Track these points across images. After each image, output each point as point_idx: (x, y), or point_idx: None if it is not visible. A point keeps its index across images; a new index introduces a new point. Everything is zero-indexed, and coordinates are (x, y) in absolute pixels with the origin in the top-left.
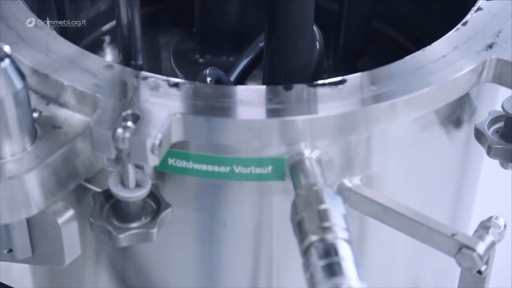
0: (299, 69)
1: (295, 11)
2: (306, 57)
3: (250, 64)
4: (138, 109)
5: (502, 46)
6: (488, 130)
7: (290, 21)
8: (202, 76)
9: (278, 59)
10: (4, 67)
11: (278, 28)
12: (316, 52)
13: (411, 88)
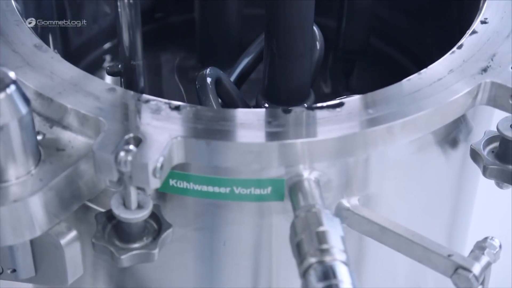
0: (299, 69)
1: (295, 12)
2: (306, 57)
3: (250, 65)
4: (140, 132)
5: (496, 69)
6: (483, 150)
7: (290, 21)
8: (202, 76)
9: (278, 60)
10: (10, 93)
11: (278, 29)
12: (316, 52)
13: (407, 111)
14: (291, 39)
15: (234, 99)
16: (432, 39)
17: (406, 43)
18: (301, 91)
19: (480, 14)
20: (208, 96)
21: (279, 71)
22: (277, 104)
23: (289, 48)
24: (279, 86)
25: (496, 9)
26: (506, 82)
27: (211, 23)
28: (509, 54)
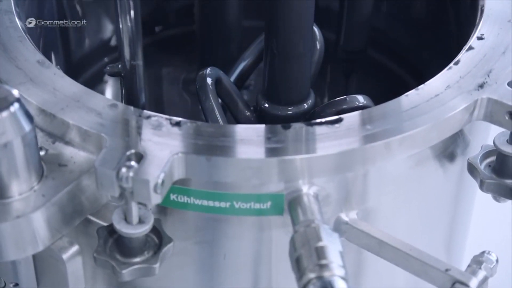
0: (299, 69)
1: (295, 12)
2: (306, 58)
3: (250, 65)
4: (141, 149)
5: (492, 85)
6: (480, 164)
7: (290, 21)
8: (202, 76)
9: (278, 60)
10: (14, 111)
11: (278, 29)
12: (316, 52)
13: (405, 127)
14: (291, 39)
15: (234, 99)
16: (430, 52)
17: (405, 55)
18: (301, 91)
19: (477, 30)
20: (208, 96)
21: (279, 71)
22: (277, 104)
23: (289, 48)
24: (279, 86)
25: (493, 25)
26: (502, 98)
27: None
28: (505, 70)
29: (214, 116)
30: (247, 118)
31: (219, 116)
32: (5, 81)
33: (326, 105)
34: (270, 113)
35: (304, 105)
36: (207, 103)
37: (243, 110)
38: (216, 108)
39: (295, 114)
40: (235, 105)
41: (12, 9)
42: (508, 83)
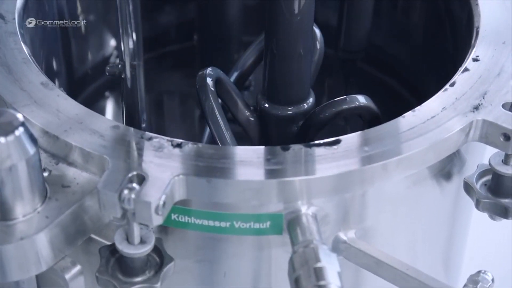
0: (299, 69)
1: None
2: (306, 58)
3: (250, 65)
4: (143, 170)
5: (487, 107)
6: (476, 183)
7: (289, 22)
8: (202, 76)
9: (278, 60)
10: (18, 135)
11: (278, 29)
12: (316, 52)
13: (402, 148)
14: (291, 39)
15: (234, 99)
16: (428, 68)
17: (403, 72)
18: (301, 91)
19: (472, 52)
20: (208, 96)
21: (279, 71)
22: (277, 104)
23: (289, 48)
24: (279, 86)
25: (487, 46)
26: (497, 120)
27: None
28: (500, 92)
29: (214, 116)
30: (247, 118)
31: (219, 116)
32: (10, 103)
33: (326, 105)
34: (270, 113)
35: (304, 105)
36: (207, 103)
37: (243, 110)
38: (216, 108)
39: (295, 114)
40: (235, 105)
41: (16, 31)
42: (503, 105)
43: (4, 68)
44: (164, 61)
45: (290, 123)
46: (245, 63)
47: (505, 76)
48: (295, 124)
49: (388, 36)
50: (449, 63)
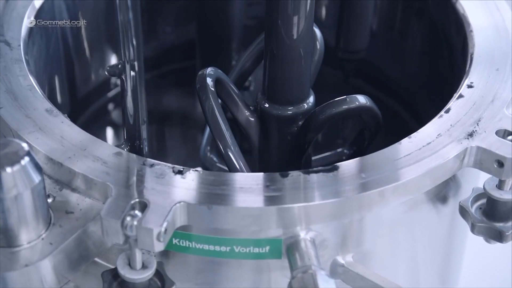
0: (299, 69)
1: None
2: (306, 58)
3: (250, 65)
4: (145, 198)
5: (481, 134)
6: (471, 207)
7: (289, 21)
8: (202, 76)
9: (278, 60)
10: (24, 165)
11: (278, 29)
12: (316, 52)
13: (398, 175)
14: (291, 40)
15: (234, 99)
16: (426, 89)
17: (402, 94)
18: (301, 91)
19: (467, 78)
20: (208, 96)
21: (279, 71)
22: (277, 104)
23: (288, 48)
24: (279, 86)
25: (482, 72)
26: (491, 147)
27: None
28: (494, 119)
29: (214, 116)
30: (247, 118)
31: (219, 116)
32: (15, 130)
33: (326, 105)
34: (270, 113)
35: (304, 105)
36: (207, 103)
37: (243, 110)
38: (216, 108)
39: (295, 114)
40: (235, 105)
41: (21, 58)
42: (496, 132)
43: (10, 95)
44: (165, 80)
45: (290, 123)
46: (245, 63)
47: (498, 103)
48: (295, 124)
49: (387, 58)
50: (447, 87)
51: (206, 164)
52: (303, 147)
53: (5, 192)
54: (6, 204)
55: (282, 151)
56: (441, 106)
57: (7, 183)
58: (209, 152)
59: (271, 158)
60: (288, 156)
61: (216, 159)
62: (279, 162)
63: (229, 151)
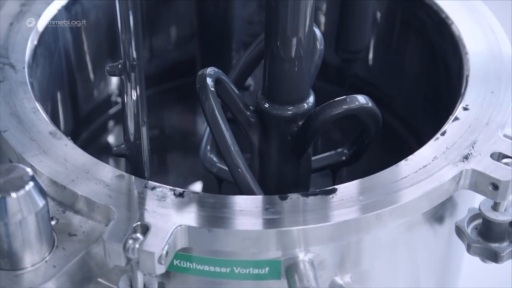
0: (299, 69)
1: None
2: (306, 58)
3: (250, 65)
4: (146, 221)
5: (477, 157)
6: (467, 227)
7: (289, 21)
8: (202, 76)
9: (278, 60)
10: (28, 190)
11: (278, 29)
12: (317, 52)
13: (395, 198)
14: (291, 40)
15: (234, 99)
16: (423, 109)
17: (398, 110)
18: (301, 91)
19: (462, 100)
20: (208, 96)
21: (279, 71)
22: (277, 104)
23: (289, 48)
24: (279, 86)
25: (477, 95)
26: (486, 170)
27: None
28: (488, 142)
29: (214, 116)
30: (247, 118)
31: (219, 116)
32: (20, 153)
33: (326, 105)
34: (270, 113)
35: (304, 105)
36: (207, 103)
37: (243, 110)
38: (216, 108)
39: (295, 114)
40: (235, 105)
41: (26, 80)
42: (491, 155)
43: (15, 118)
44: (166, 97)
45: (290, 123)
46: (245, 63)
47: (493, 126)
48: (295, 124)
49: (384, 76)
50: (444, 106)
51: (206, 164)
52: (303, 147)
53: (10, 217)
54: (10, 229)
55: (282, 151)
56: (438, 124)
57: (12, 208)
58: (209, 152)
59: (271, 158)
60: (288, 156)
61: (216, 159)
62: (279, 162)
63: (229, 151)
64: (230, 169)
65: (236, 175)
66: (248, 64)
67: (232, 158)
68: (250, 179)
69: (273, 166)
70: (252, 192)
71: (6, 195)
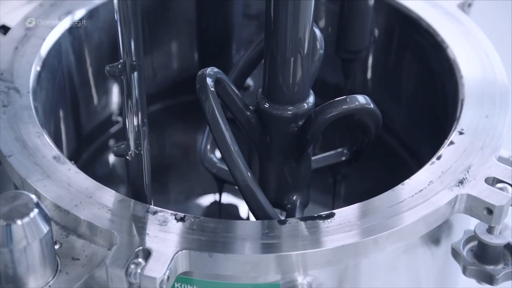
0: (299, 69)
1: (295, 12)
2: (306, 58)
3: (250, 64)
4: (148, 245)
5: (471, 182)
6: (463, 249)
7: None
8: (202, 76)
9: (278, 60)
10: (33, 217)
11: (278, 29)
12: (317, 52)
13: (392, 223)
14: (291, 40)
15: (234, 99)
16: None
17: (396, 130)
18: (301, 91)
19: (458, 124)
20: (208, 96)
21: (279, 71)
22: (277, 104)
23: (289, 48)
24: (279, 86)
25: (472, 119)
26: (480, 195)
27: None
28: (483, 166)
29: (214, 116)
30: (247, 118)
31: (219, 117)
32: (24, 178)
33: (326, 105)
34: (270, 113)
35: (304, 105)
36: (207, 103)
37: (243, 110)
38: (216, 108)
39: (295, 114)
40: (235, 105)
41: (30, 105)
42: (486, 180)
43: (20, 143)
44: (167, 114)
45: (290, 123)
46: (245, 63)
47: (488, 150)
48: (295, 124)
49: (383, 96)
50: (440, 126)
51: (206, 164)
52: (303, 147)
53: (15, 244)
54: (15, 255)
55: (282, 151)
56: (435, 143)
57: (17, 235)
58: (209, 152)
59: (271, 158)
60: (288, 156)
61: (216, 159)
62: (279, 162)
63: (229, 151)
64: (230, 169)
65: (236, 175)
66: (248, 64)
67: (232, 158)
68: (250, 179)
69: (273, 166)
70: (252, 191)
71: (11, 223)
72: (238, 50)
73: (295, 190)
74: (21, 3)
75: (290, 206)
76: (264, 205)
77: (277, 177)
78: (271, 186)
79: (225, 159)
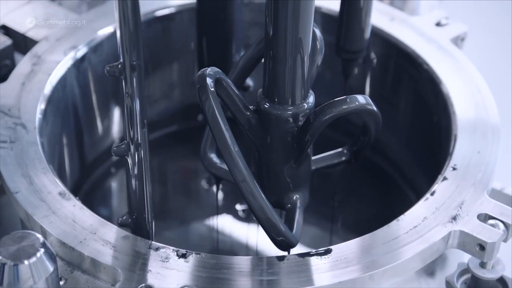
0: (299, 70)
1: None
2: (306, 58)
3: (250, 65)
4: (150, 282)
5: (464, 218)
6: (457, 282)
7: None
8: (202, 76)
9: (278, 60)
10: (40, 256)
11: (278, 29)
12: (317, 52)
13: (387, 259)
14: (291, 40)
15: (234, 100)
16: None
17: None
18: (301, 91)
19: (451, 160)
20: (208, 96)
21: (279, 71)
22: (277, 104)
23: (289, 48)
24: (279, 86)
25: (465, 155)
26: (473, 231)
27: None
28: (475, 202)
29: (214, 116)
30: (247, 118)
31: (219, 117)
32: (31, 215)
33: (326, 105)
34: (270, 113)
35: (304, 105)
36: (207, 103)
37: (243, 110)
38: (216, 108)
39: (295, 114)
40: (235, 105)
41: (37, 141)
42: (478, 216)
43: (26, 179)
44: (168, 140)
45: (290, 123)
46: (245, 63)
47: (480, 186)
48: (295, 124)
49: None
50: (435, 159)
51: (206, 164)
52: (303, 147)
53: (21, 283)
54: None
55: (282, 151)
56: (430, 172)
57: (23, 275)
58: (209, 152)
59: (271, 158)
60: (288, 156)
61: (216, 159)
62: (279, 162)
63: (229, 151)
64: (230, 169)
65: (236, 175)
66: (248, 64)
67: (232, 158)
68: (250, 179)
69: (273, 166)
70: (252, 191)
71: (18, 263)
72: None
73: (295, 190)
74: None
75: (290, 206)
76: (264, 205)
77: (277, 177)
78: (271, 186)
79: (225, 159)
